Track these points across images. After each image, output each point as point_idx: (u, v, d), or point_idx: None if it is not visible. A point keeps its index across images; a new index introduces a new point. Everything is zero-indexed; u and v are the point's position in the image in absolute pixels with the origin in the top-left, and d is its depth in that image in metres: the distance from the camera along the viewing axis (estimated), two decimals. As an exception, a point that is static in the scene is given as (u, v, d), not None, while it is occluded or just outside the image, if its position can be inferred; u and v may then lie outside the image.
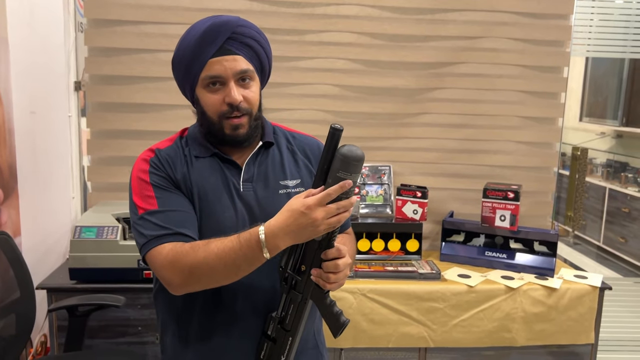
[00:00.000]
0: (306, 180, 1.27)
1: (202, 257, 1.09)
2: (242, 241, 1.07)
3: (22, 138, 2.37)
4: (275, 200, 1.21)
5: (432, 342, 2.19)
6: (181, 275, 1.11)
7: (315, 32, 2.51)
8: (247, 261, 1.08)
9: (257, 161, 1.25)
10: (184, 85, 1.22)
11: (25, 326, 1.99)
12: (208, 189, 1.20)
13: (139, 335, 2.17)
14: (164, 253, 1.12)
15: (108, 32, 2.42)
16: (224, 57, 1.15)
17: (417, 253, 2.47)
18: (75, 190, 2.54)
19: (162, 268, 1.12)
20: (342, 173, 1.03)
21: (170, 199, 1.17)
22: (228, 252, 1.08)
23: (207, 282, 1.12)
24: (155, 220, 1.14)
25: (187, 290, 1.14)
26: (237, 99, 1.16)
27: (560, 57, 2.64)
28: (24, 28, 2.31)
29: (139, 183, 1.19)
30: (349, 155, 1.02)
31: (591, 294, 2.22)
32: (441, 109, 2.63)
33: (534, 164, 2.71)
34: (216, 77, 1.16)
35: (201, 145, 1.24)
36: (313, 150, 1.32)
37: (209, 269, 1.09)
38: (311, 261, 1.11)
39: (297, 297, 1.14)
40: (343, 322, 1.12)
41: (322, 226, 1.03)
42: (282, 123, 1.38)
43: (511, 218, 2.39)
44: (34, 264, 2.22)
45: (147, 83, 2.46)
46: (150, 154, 1.22)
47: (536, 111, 2.66)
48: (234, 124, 1.18)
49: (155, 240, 1.13)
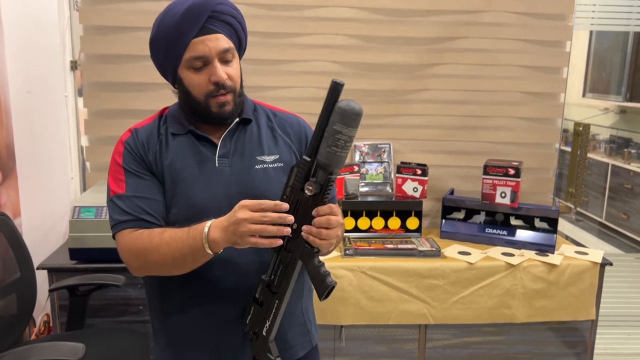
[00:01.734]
0: (285, 156, 1.27)
1: (156, 244, 1.14)
2: (190, 232, 1.11)
3: (19, 118, 2.36)
4: (252, 175, 1.22)
5: (432, 319, 2.20)
6: (137, 261, 1.17)
7: (313, 7, 2.47)
8: (192, 253, 1.11)
9: (234, 137, 1.25)
10: (165, 66, 1.21)
11: (26, 306, 2.01)
12: (182, 168, 1.20)
13: (140, 314, 2.18)
14: (125, 238, 1.18)
15: (103, 10, 2.38)
16: (206, 37, 1.15)
17: (417, 231, 2.47)
18: (74, 170, 2.53)
19: (122, 252, 1.19)
20: (339, 126, 1.03)
21: (138, 185, 1.19)
22: (177, 242, 1.12)
23: (160, 270, 1.18)
24: (121, 205, 1.19)
25: (145, 274, 1.21)
26: (223, 77, 1.17)
27: (563, 31, 2.59)
28: (17, 7, 2.28)
29: (114, 165, 1.22)
30: (347, 108, 1.03)
31: (592, 270, 2.22)
32: (442, 85, 2.60)
33: (536, 140, 2.68)
34: (200, 57, 1.16)
35: (178, 122, 1.24)
36: (293, 127, 1.32)
37: (160, 257, 1.13)
38: (302, 217, 1.10)
39: (287, 257, 1.13)
40: (329, 283, 1.10)
41: (244, 228, 1.04)
42: (280, 101, 1.37)
43: (512, 195, 2.38)
44: (35, 244, 2.23)
45: (143, 62, 2.43)
46: (127, 135, 1.24)
47: (538, 86, 2.63)
48: (220, 102, 1.19)
49: (119, 225, 1.19)
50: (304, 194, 1.09)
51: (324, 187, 1.08)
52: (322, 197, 1.09)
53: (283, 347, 1.27)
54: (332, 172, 1.07)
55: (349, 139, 1.05)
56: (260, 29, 2.43)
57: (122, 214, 1.18)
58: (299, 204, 1.10)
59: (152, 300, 1.30)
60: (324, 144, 1.06)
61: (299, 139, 1.30)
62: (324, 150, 1.06)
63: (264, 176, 1.22)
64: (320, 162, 1.07)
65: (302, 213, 1.10)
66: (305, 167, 1.09)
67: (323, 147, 1.06)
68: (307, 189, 1.09)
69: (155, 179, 1.21)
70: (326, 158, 1.06)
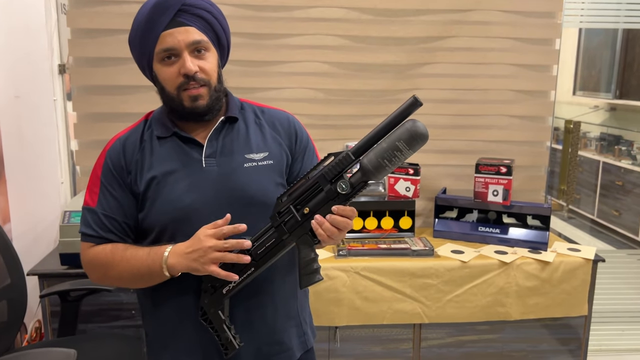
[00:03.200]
0: (275, 153, 1.25)
1: (117, 260, 1.17)
2: (150, 254, 1.15)
3: (7, 123, 2.33)
4: (241, 174, 1.21)
5: (426, 318, 2.19)
6: (96, 273, 1.22)
7: (303, 8, 2.46)
8: (149, 273, 1.15)
9: (220, 136, 1.23)
10: (142, 62, 1.22)
11: (17, 312, 1.98)
12: (169, 172, 1.19)
13: (133, 318, 2.16)
14: (87, 250, 1.22)
15: (91, 12, 2.37)
16: (176, 29, 1.15)
17: (410, 230, 2.47)
18: (64, 174, 2.51)
19: (83, 262, 1.24)
20: (402, 144, 1.02)
21: (110, 203, 1.21)
22: (136, 261, 1.15)
23: (117, 283, 1.24)
24: (89, 219, 1.22)
25: (103, 284, 1.29)
26: (192, 68, 1.15)
27: (552, 29, 2.60)
28: (4, 10, 2.26)
29: (93, 175, 1.24)
30: (419, 132, 1.01)
31: (584, 267, 2.23)
32: (432, 84, 2.60)
33: (527, 138, 2.69)
34: (169, 49, 1.15)
35: (163, 124, 1.24)
36: (282, 123, 1.30)
37: (118, 273, 1.18)
38: (319, 207, 1.09)
39: (283, 233, 1.12)
40: (317, 279, 1.11)
41: (208, 256, 1.08)
42: (270, 102, 1.36)
43: (504, 193, 2.38)
44: (25, 250, 2.21)
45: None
46: (110, 144, 1.25)
47: (528, 84, 2.64)
48: (192, 95, 1.17)
49: (83, 236, 1.23)
50: (331, 186, 1.08)
51: (355, 189, 1.07)
52: (349, 199, 1.08)
53: (279, 349, 1.26)
54: (370, 179, 1.07)
55: (404, 160, 1.04)
56: (249, 30, 2.42)
57: (88, 227, 1.21)
58: (319, 191, 1.09)
59: (145, 306, 1.29)
60: (376, 152, 1.04)
61: (288, 135, 1.29)
62: (375, 159, 1.04)
63: (254, 174, 1.21)
64: (364, 167, 1.05)
65: (319, 202, 1.09)
66: (345, 162, 1.07)
67: (375, 154, 1.04)
68: (340, 186, 1.07)
69: (130, 195, 1.21)
70: (373, 166, 1.04)
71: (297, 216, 1.11)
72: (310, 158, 1.31)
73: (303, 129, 1.34)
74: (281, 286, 1.26)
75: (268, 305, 1.24)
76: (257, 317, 1.23)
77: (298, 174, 1.28)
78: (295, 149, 1.29)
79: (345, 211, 1.08)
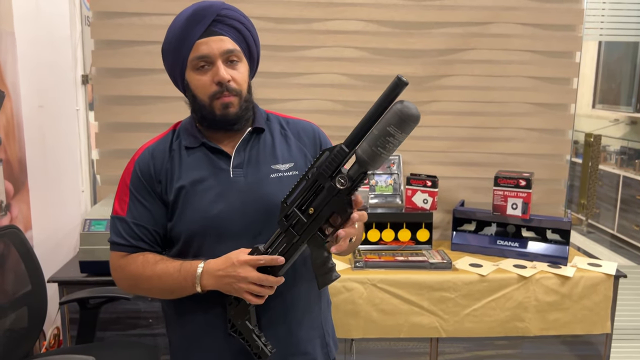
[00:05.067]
0: (300, 163, 1.26)
1: (148, 275, 1.19)
2: (182, 271, 1.16)
3: (31, 132, 2.38)
4: (267, 184, 1.22)
5: (443, 332, 2.17)
6: (125, 283, 1.25)
7: (322, 20, 2.48)
8: (180, 289, 1.17)
9: (247, 147, 1.24)
10: (174, 71, 1.23)
11: (37, 319, 2.01)
12: (197, 181, 1.21)
13: (150, 327, 2.18)
14: (117, 261, 1.23)
15: (114, 24, 2.41)
16: (210, 38, 1.17)
17: (428, 243, 2.45)
18: (85, 183, 2.54)
19: (113, 271, 1.25)
20: (393, 129, 0.98)
21: (140, 212, 1.22)
22: (168, 278, 1.17)
23: (146, 294, 1.27)
24: (120, 228, 1.23)
25: (132, 293, 1.30)
26: (225, 76, 1.17)
27: (572, 42, 2.59)
28: (31, 22, 2.31)
29: (122, 183, 1.25)
30: (408, 114, 0.97)
31: (606, 282, 2.19)
32: (451, 96, 2.59)
33: (546, 151, 2.66)
34: (204, 56, 1.17)
35: (191, 135, 1.25)
36: (307, 133, 1.32)
37: (149, 286, 1.21)
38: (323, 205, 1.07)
39: (293, 236, 1.11)
40: (334, 277, 1.11)
41: (242, 284, 1.10)
42: (289, 113, 1.37)
43: (523, 206, 2.36)
44: (45, 257, 2.23)
45: (153, 75, 2.46)
46: (139, 153, 1.26)
47: (548, 97, 2.62)
48: (224, 102, 1.19)
49: (114, 245, 1.24)
50: (331, 182, 1.06)
51: (355, 182, 1.06)
52: (351, 192, 1.07)
53: (304, 359, 1.26)
54: (368, 170, 1.05)
55: (398, 144, 1.01)
56: (269, 42, 2.45)
57: (118, 236, 1.22)
58: (320, 189, 1.08)
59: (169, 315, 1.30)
60: (369, 141, 1.01)
61: (313, 145, 1.30)
62: (368, 148, 1.01)
63: (280, 184, 1.21)
64: (359, 158, 1.03)
65: (322, 200, 1.07)
66: (340, 156, 1.06)
67: (367, 143, 1.01)
68: (338, 181, 1.05)
69: (161, 204, 1.22)
70: (368, 156, 1.02)
71: (303, 218, 1.10)
72: None
73: (327, 139, 1.35)
74: (305, 297, 1.27)
75: (293, 316, 1.25)
76: (283, 328, 1.24)
77: None
78: None
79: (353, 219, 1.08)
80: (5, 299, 1.87)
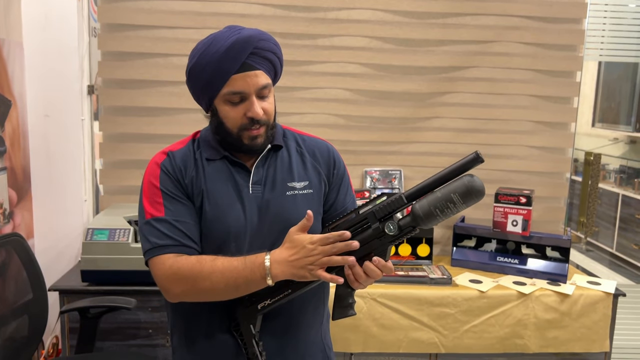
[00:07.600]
0: (314, 182, 1.27)
1: (208, 272, 1.13)
2: (247, 264, 1.12)
3: (36, 141, 2.40)
4: (283, 201, 1.22)
5: (443, 348, 2.17)
6: (183, 286, 1.15)
7: (327, 36, 2.52)
8: (247, 284, 1.12)
9: (266, 164, 1.25)
10: (201, 96, 1.21)
11: (37, 327, 2.00)
12: (217, 193, 1.20)
13: (150, 337, 2.17)
14: (167, 263, 1.15)
15: (121, 36, 2.44)
16: (246, 74, 1.15)
17: (428, 258, 2.46)
18: (88, 193, 2.56)
19: (164, 277, 1.16)
20: (457, 198, 1.02)
21: (178, 209, 1.18)
22: (232, 272, 1.12)
23: (205, 296, 1.16)
24: (161, 228, 1.17)
25: (183, 299, 1.17)
26: (260, 113, 1.17)
27: (573, 62, 2.62)
28: (39, 33, 2.34)
29: (149, 187, 1.20)
30: (475, 189, 1.01)
31: (605, 301, 2.20)
32: (452, 113, 2.62)
33: (547, 169, 2.69)
34: (239, 92, 1.16)
35: (212, 148, 1.24)
36: (322, 152, 1.32)
37: (211, 284, 1.13)
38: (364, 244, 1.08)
39: None
40: (350, 313, 1.12)
41: (318, 261, 1.07)
42: (293, 127, 1.38)
43: (523, 223, 2.37)
44: (47, 265, 2.23)
45: (159, 87, 2.48)
46: (163, 157, 1.23)
47: (548, 116, 2.65)
48: (252, 135, 1.19)
49: (159, 249, 1.16)
50: (379, 225, 1.08)
51: (403, 232, 1.07)
52: (395, 241, 1.08)
53: None
54: (418, 225, 1.07)
55: (455, 213, 1.04)
56: (274, 56, 2.47)
57: (162, 237, 1.16)
58: (366, 227, 1.09)
59: (176, 326, 1.29)
60: (430, 200, 1.04)
61: (327, 165, 1.31)
62: (427, 207, 1.04)
63: (295, 202, 1.22)
64: (415, 212, 1.05)
65: (365, 239, 1.09)
66: (397, 203, 1.07)
67: (427, 202, 1.04)
68: (387, 227, 1.07)
69: (191, 203, 1.20)
70: (424, 213, 1.04)
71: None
72: (346, 189, 1.32)
73: (341, 159, 1.35)
74: (313, 312, 1.27)
75: (299, 330, 1.25)
76: (288, 342, 1.24)
77: (333, 203, 1.29)
78: (332, 178, 1.30)
79: (385, 267, 1.09)
80: (7, 307, 1.87)
